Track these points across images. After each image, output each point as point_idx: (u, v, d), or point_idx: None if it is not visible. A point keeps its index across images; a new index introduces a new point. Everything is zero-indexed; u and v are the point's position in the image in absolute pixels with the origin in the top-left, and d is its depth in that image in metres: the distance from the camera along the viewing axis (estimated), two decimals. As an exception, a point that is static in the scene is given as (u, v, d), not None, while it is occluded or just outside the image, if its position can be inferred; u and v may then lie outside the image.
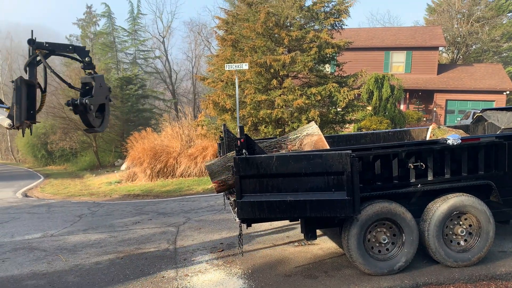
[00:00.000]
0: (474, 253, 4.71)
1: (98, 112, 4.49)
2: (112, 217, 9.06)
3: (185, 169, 15.31)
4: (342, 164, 4.06)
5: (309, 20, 15.86)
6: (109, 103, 4.67)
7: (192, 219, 8.17)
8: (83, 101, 4.17)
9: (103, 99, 4.52)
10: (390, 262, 4.62)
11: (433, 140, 5.00)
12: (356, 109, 15.98)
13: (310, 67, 14.51)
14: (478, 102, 24.57)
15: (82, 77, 4.48)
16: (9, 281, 5.16)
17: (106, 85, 4.61)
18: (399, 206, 4.56)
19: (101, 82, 4.46)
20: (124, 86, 30.20)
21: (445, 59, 36.98)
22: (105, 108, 4.60)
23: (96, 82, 4.37)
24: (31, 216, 9.70)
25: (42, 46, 4.26)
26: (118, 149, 27.20)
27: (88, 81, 4.41)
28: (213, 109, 15.39)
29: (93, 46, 37.77)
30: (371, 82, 21.20)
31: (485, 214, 4.66)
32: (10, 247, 6.75)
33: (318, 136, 5.22)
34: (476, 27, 34.43)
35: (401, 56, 27.06)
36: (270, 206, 4.17)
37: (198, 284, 4.74)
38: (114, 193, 13.95)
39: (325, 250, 5.64)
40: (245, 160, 4.14)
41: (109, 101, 4.67)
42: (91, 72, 4.51)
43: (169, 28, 44.08)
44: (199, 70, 42.00)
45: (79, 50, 4.54)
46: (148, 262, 5.60)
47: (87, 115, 4.28)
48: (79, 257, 6.03)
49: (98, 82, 4.40)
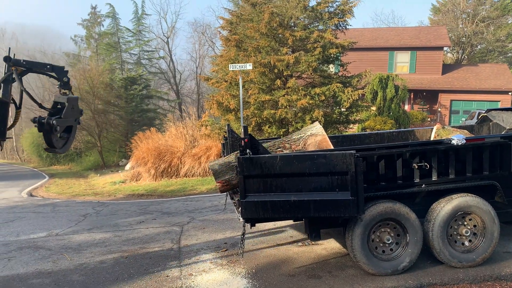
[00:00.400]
0: (478, 254, 4.69)
1: (64, 133, 4.43)
2: (116, 216, 9.10)
3: (189, 169, 15.35)
4: (346, 164, 4.06)
5: (313, 20, 15.85)
6: (77, 125, 4.61)
7: (196, 219, 8.19)
8: (50, 121, 4.10)
9: (72, 121, 4.47)
10: (394, 262, 4.62)
11: (438, 140, 4.99)
12: (360, 109, 15.94)
13: (314, 67, 14.49)
14: (483, 103, 24.42)
15: (56, 96, 4.43)
16: (14, 280, 5.20)
17: (79, 108, 4.54)
18: (403, 206, 4.55)
19: (74, 104, 4.40)
20: (129, 86, 30.30)
21: (450, 59, 36.82)
22: (72, 130, 4.55)
23: (69, 103, 4.31)
24: (36, 216, 9.76)
25: (19, 63, 4.22)
26: (122, 149, 27.29)
27: (62, 101, 4.34)
28: (217, 109, 15.40)
29: (98, 46, 37.96)
30: (375, 82, 21.14)
31: (490, 214, 4.64)
32: (15, 246, 6.80)
33: (322, 136, 5.22)
34: (481, 27, 34.26)
35: (405, 56, 26.95)
36: (274, 206, 4.18)
37: (202, 283, 4.75)
38: (119, 192, 14.01)
39: (329, 250, 5.64)
40: (249, 160, 4.16)
41: (78, 123, 4.60)
42: (67, 93, 4.44)
43: (173, 29, 44.20)
44: (203, 71, 42.08)
45: (57, 69, 4.48)
46: (153, 261, 5.62)
47: (51, 135, 4.22)
48: (84, 256, 6.06)
49: (71, 103, 4.34)
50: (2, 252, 6.48)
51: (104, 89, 28.99)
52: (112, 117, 29.91)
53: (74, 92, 27.35)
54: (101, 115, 28.31)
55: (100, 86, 28.30)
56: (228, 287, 4.61)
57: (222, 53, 18.83)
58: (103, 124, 28.15)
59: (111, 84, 30.17)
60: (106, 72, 31.33)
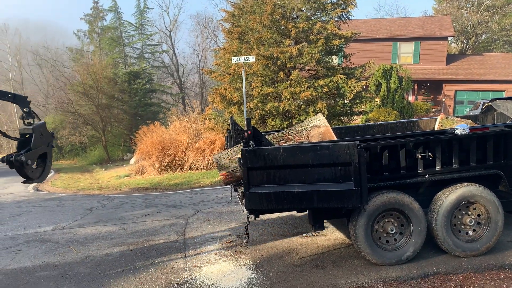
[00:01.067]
0: (482, 243, 4.70)
1: (39, 160, 4.35)
2: (122, 210, 9.17)
3: (193, 163, 15.39)
4: (350, 155, 4.06)
5: (316, 12, 15.73)
6: (51, 149, 4.50)
7: (201, 211, 8.23)
8: (19, 158, 4.01)
9: (44, 148, 4.38)
10: (398, 252, 4.63)
11: (441, 130, 4.97)
12: (364, 100, 15.86)
13: (317, 59, 14.41)
14: (488, 92, 24.24)
15: (21, 128, 4.30)
16: (22, 272, 5.27)
17: (48, 132, 4.44)
18: (407, 196, 4.56)
19: (42, 130, 4.30)
20: (132, 81, 30.31)
21: (454, 49, 36.50)
22: (47, 156, 4.46)
23: (36, 132, 4.22)
24: (42, 210, 9.85)
25: None
26: (127, 143, 27.39)
27: (27, 132, 4.23)
28: (220, 103, 15.38)
29: (101, 41, 37.92)
30: (379, 73, 21.01)
31: (494, 203, 4.64)
32: (22, 240, 6.88)
33: (325, 128, 5.22)
34: (485, 16, 33.88)
35: (409, 47, 26.74)
36: (277, 197, 4.20)
37: (207, 274, 4.80)
38: (124, 186, 14.09)
39: (333, 240, 5.67)
40: (252, 152, 4.17)
41: (52, 147, 4.51)
42: (31, 122, 4.31)
43: (176, 22, 44.07)
44: (206, 64, 42.00)
45: (19, 99, 4.34)
46: (158, 254, 5.67)
47: (25, 170, 4.14)
48: (90, 249, 6.13)
49: (39, 131, 4.25)
50: (10, 245, 6.56)
51: (107, 84, 29.03)
52: (116, 112, 29.98)
53: (78, 87, 27.28)
54: (105, 110, 28.38)
55: (104, 80, 28.33)
56: (233, 278, 4.66)
57: (224, 46, 18.77)
58: (107, 119, 28.23)
59: (115, 78, 30.20)
60: (109, 66, 31.35)
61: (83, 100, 27.40)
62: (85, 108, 28.10)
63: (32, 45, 47.01)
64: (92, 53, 37.12)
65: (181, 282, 4.63)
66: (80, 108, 28.09)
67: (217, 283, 4.53)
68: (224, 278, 4.65)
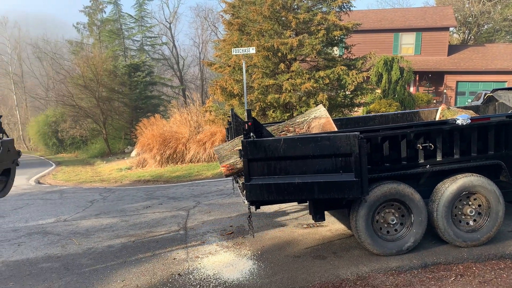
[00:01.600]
0: (483, 233, 4.71)
1: (3, 176, 4.33)
2: (123, 202, 9.20)
3: (194, 155, 15.41)
4: (350, 146, 4.05)
5: (317, 2, 15.63)
6: (15, 167, 4.49)
7: (202, 203, 8.26)
8: None
9: (9, 163, 4.38)
10: (398, 243, 4.65)
11: (442, 121, 4.95)
12: (365, 92, 15.83)
13: (318, 50, 14.34)
14: (490, 83, 24.09)
15: None
16: (25, 264, 5.31)
17: (15, 150, 4.43)
18: (408, 187, 4.56)
19: (9, 146, 4.30)
20: (132, 73, 30.22)
21: (456, 40, 36.24)
22: (11, 172, 4.45)
23: (4, 147, 4.22)
24: (44, 202, 9.89)
25: None
26: (127, 136, 27.39)
27: None
28: (220, 95, 15.35)
29: (100, 33, 37.72)
30: (380, 64, 20.90)
31: (495, 194, 4.64)
32: (25, 232, 6.92)
33: (326, 119, 5.20)
34: (488, 6, 33.60)
35: (410, 38, 26.57)
36: (278, 188, 4.20)
37: (208, 265, 4.82)
38: (125, 179, 14.12)
39: (333, 231, 5.68)
40: (253, 143, 4.16)
41: (17, 165, 4.49)
42: (0, 136, 4.32)
43: (176, 14, 43.82)
44: (206, 56, 41.83)
45: None
46: (159, 245, 5.70)
47: None
48: (92, 240, 6.16)
49: (6, 146, 4.25)
50: (12, 237, 6.60)
51: (107, 77, 28.96)
52: (117, 104, 29.94)
53: (78, 80, 27.17)
54: (106, 103, 28.35)
55: (104, 73, 28.25)
56: (234, 268, 4.68)
57: (225, 37, 18.67)
58: (107, 112, 28.21)
59: (115, 71, 30.12)
60: (109, 59, 31.23)
61: (84, 93, 27.35)
62: (86, 101, 28.06)
63: (32, 38, 46.89)
64: (92, 45, 36.95)
65: (183, 273, 4.66)
66: (80, 101, 28.05)
67: (218, 274, 4.55)
68: (225, 269, 4.68)
